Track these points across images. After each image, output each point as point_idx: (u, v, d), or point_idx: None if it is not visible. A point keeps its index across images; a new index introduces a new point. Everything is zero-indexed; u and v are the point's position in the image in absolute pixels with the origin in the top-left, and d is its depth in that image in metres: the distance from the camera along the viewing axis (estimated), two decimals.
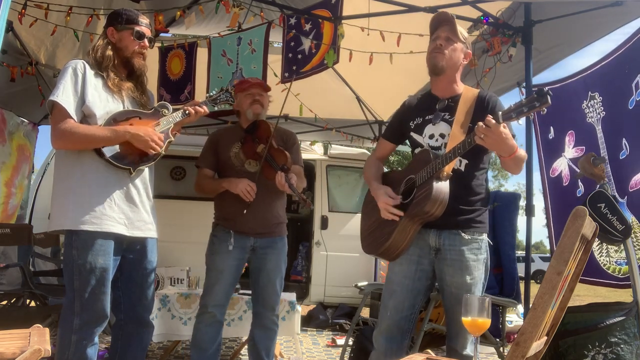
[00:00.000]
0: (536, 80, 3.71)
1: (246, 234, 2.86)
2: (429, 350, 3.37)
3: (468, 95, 2.27)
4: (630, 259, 2.77)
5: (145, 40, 2.35)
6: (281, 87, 3.18)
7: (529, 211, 3.42)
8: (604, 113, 3.26)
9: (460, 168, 2.21)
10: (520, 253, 10.36)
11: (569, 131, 3.57)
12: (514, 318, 5.22)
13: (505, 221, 3.56)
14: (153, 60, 3.92)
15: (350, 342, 3.76)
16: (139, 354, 2.38)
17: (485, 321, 1.64)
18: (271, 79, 3.57)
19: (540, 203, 3.76)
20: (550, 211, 3.73)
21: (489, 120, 1.93)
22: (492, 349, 3.85)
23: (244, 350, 4.09)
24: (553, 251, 3.65)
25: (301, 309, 4.48)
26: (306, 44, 3.48)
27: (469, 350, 2.17)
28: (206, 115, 2.53)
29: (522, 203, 3.63)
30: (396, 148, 2.60)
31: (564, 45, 3.64)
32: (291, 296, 4.05)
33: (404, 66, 3.89)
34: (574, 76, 3.56)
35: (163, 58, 4.28)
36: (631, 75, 3.04)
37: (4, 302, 4.05)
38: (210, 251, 2.91)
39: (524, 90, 3.74)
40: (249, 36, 3.80)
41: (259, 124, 2.86)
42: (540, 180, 3.84)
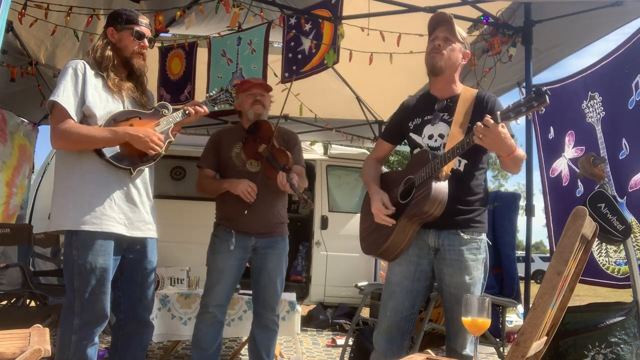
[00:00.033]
0: (536, 80, 3.71)
1: (247, 234, 2.86)
2: (429, 350, 3.37)
3: (467, 95, 2.27)
4: (630, 259, 2.77)
5: (145, 41, 2.35)
6: (281, 87, 3.18)
7: (529, 211, 3.42)
8: (604, 113, 3.26)
9: (459, 168, 2.21)
10: (520, 253, 10.36)
11: (569, 131, 3.57)
12: (514, 318, 5.22)
13: (505, 221, 3.56)
14: (153, 60, 3.92)
15: (350, 342, 3.76)
16: (139, 354, 2.38)
17: (485, 321, 1.64)
18: (271, 79, 3.57)
19: (540, 203, 3.76)
20: (550, 211, 3.73)
21: (488, 120, 1.93)
22: (492, 349, 3.85)
23: (244, 350, 4.09)
24: (553, 251, 3.65)
25: (301, 309, 4.48)
26: (306, 44, 3.48)
27: (468, 350, 2.17)
28: (206, 115, 2.53)
29: (522, 203, 3.63)
30: (395, 148, 2.59)
31: (564, 45, 3.64)
32: (291, 296, 4.05)
33: (404, 66, 3.89)
34: (574, 76, 3.56)
35: (163, 58, 4.28)
36: (631, 75, 3.04)
37: (4, 302, 4.05)
38: (212, 251, 2.91)
39: (524, 90, 3.74)
40: (249, 36, 3.80)
41: (260, 124, 2.86)
42: (540, 180, 3.84)
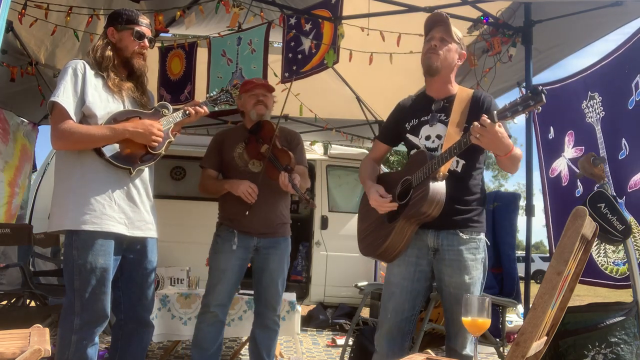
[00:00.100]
0: (536, 80, 3.71)
1: (250, 234, 2.86)
2: (429, 350, 3.37)
3: (463, 95, 2.27)
4: (630, 259, 2.77)
5: (146, 41, 2.35)
6: (281, 87, 3.18)
7: (529, 211, 3.42)
8: (604, 113, 3.26)
9: (456, 169, 2.22)
10: (520, 253, 10.37)
11: (569, 131, 3.57)
12: (514, 318, 5.22)
13: (505, 221, 3.56)
14: (153, 60, 3.92)
15: (350, 342, 3.76)
16: (139, 354, 2.38)
17: (485, 321, 1.65)
18: (271, 79, 3.56)
19: (540, 203, 3.75)
20: (550, 211, 3.73)
21: (484, 120, 1.93)
22: (492, 349, 3.85)
23: (244, 350, 4.09)
24: (552, 251, 3.65)
25: (301, 309, 4.48)
26: (306, 44, 3.48)
27: (468, 350, 2.17)
28: (206, 115, 2.53)
29: (522, 203, 3.63)
30: (393, 149, 2.59)
31: (564, 45, 3.64)
32: (291, 296, 4.05)
33: (404, 66, 3.89)
34: (574, 76, 3.56)
35: (163, 58, 4.27)
36: (631, 76, 3.04)
37: (4, 302, 4.05)
38: (214, 250, 2.92)
39: (524, 90, 3.74)
40: (249, 36, 3.80)
41: (262, 124, 2.87)
42: (540, 180, 3.84)
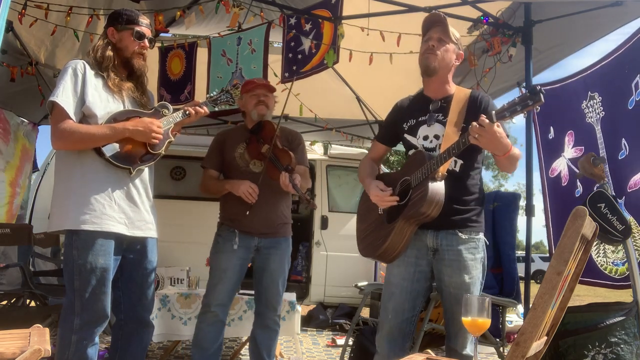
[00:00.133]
0: (536, 80, 3.71)
1: (251, 234, 2.86)
2: (429, 350, 3.37)
3: (460, 95, 2.27)
4: (630, 259, 2.77)
5: (146, 41, 2.34)
6: (281, 87, 3.18)
7: (529, 211, 3.42)
8: (604, 113, 3.26)
9: (455, 169, 2.22)
10: (520, 253, 10.36)
11: (569, 131, 3.57)
12: (514, 318, 5.23)
13: (505, 221, 3.56)
14: (153, 60, 3.92)
15: (350, 342, 3.76)
16: (139, 354, 2.38)
17: (485, 321, 1.65)
18: (271, 79, 3.56)
19: (540, 203, 3.75)
20: (549, 211, 3.73)
21: (483, 120, 1.93)
22: (492, 349, 3.85)
23: (244, 350, 4.09)
24: (551, 251, 3.65)
25: (301, 309, 4.48)
26: (306, 44, 3.48)
27: (468, 350, 2.17)
28: (206, 115, 2.53)
29: (522, 203, 3.63)
30: (391, 149, 2.60)
31: (564, 45, 3.64)
32: (291, 296, 4.05)
33: (404, 66, 3.89)
34: (574, 76, 3.56)
35: (163, 58, 4.28)
36: (631, 76, 3.04)
37: (4, 302, 4.05)
38: (215, 250, 2.92)
39: (524, 90, 3.74)
40: (249, 36, 3.80)
41: (263, 124, 2.87)
42: (540, 180, 3.84)
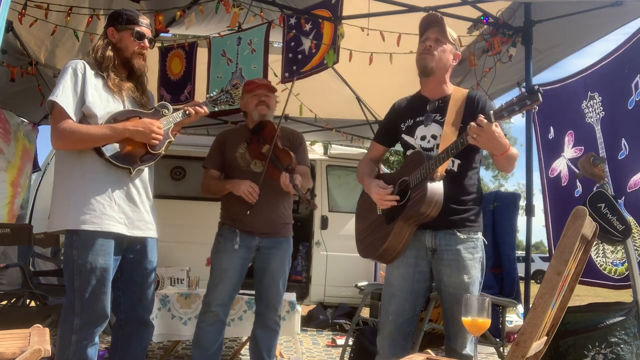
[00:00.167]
0: (536, 80, 3.71)
1: (252, 234, 2.86)
2: (429, 350, 3.37)
3: (457, 95, 2.28)
4: (630, 259, 2.77)
5: (146, 41, 2.35)
6: (281, 87, 3.18)
7: (529, 211, 3.42)
8: (604, 113, 3.26)
9: (453, 168, 2.22)
10: (520, 253, 10.36)
11: (569, 131, 3.57)
12: (514, 318, 5.22)
13: (505, 221, 3.56)
14: (153, 60, 3.92)
15: (350, 342, 3.76)
16: (139, 354, 2.38)
17: (485, 321, 1.65)
18: (271, 79, 3.56)
19: (540, 203, 3.76)
20: (549, 211, 3.73)
21: (481, 120, 1.94)
22: (492, 349, 3.85)
23: (243, 350, 4.09)
24: (551, 251, 3.65)
25: (301, 309, 4.48)
26: (306, 44, 3.48)
27: (468, 350, 2.17)
28: (206, 115, 2.53)
29: (522, 203, 3.63)
30: (390, 150, 2.60)
31: (564, 45, 3.64)
32: (291, 296, 4.05)
33: (404, 66, 3.88)
34: (574, 76, 3.56)
35: (163, 58, 4.28)
36: (631, 76, 3.04)
37: (4, 302, 4.05)
38: (216, 250, 2.92)
39: (524, 90, 3.74)
40: (249, 36, 3.80)
41: (264, 124, 2.87)
42: (540, 180, 3.84)
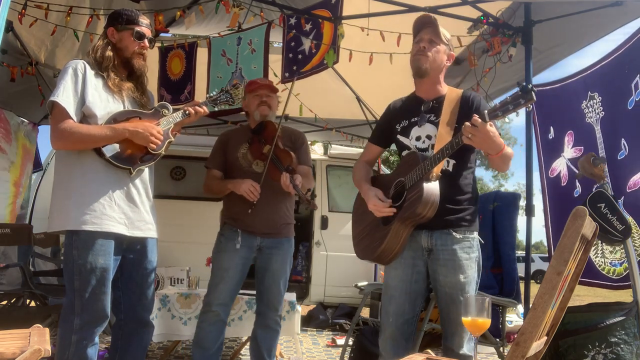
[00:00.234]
0: (536, 80, 3.72)
1: (253, 234, 2.86)
2: (429, 350, 3.37)
3: (452, 95, 2.29)
4: (630, 259, 2.77)
5: (146, 41, 2.35)
6: (281, 87, 3.18)
7: (529, 211, 3.42)
8: (603, 113, 3.26)
9: (448, 168, 2.23)
10: (520, 253, 10.37)
11: (568, 131, 3.57)
12: (514, 318, 5.22)
13: (505, 221, 3.56)
14: (153, 60, 3.92)
15: (350, 342, 3.76)
16: (139, 354, 2.38)
17: (485, 321, 1.65)
18: (271, 79, 3.56)
19: (540, 203, 3.75)
20: (549, 211, 3.73)
21: (476, 120, 1.94)
22: (492, 349, 3.85)
23: (243, 350, 4.09)
24: (551, 251, 3.65)
25: (301, 309, 4.48)
26: (306, 44, 3.48)
27: (465, 350, 2.17)
28: (206, 115, 2.53)
29: (522, 203, 3.63)
30: (388, 150, 2.60)
31: (564, 45, 3.64)
32: (291, 296, 4.05)
33: (404, 66, 3.84)
34: (574, 76, 3.56)
35: (163, 58, 4.28)
36: (631, 76, 3.04)
37: (4, 302, 4.05)
38: (217, 249, 2.92)
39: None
40: (249, 36, 3.80)
41: (266, 124, 2.88)
42: (540, 180, 3.84)
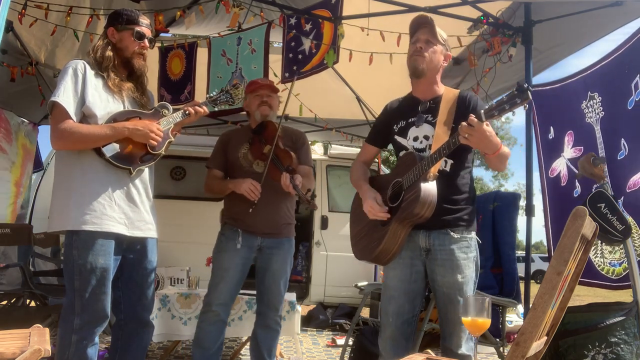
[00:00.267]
0: (536, 80, 3.71)
1: (254, 234, 2.86)
2: (429, 350, 3.37)
3: (449, 95, 2.29)
4: (630, 259, 2.77)
5: (146, 41, 2.35)
6: (281, 87, 3.18)
7: (529, 211, 3.42)
8: (603, 113, 3.26)
9: (445, 168, 2.23)
10: (520, 253, 10.37)
11: (568, 131, 3.57)
12: (514, 318, 5.22)
13: (505, 221, 3.56)
14: (153, 60, 3.92)
15: (350, 342, 3.76)
16: (139, 354, 2.38)
17: (485, 321, 1.65)
18: (271, 79, 3.56)
19: (540, 203, 3.75)
20: (549, 211, 3.73)
21: (473, 120, 1.95)
22: (492, 349, 3.85)
23: (243, 350, 4.09)
24: (551, 251, 3.64)
25: (301, 309, 4.48)
26: (306, 44, 3.48)
27: (464, 349, 2.17)
28: (206, 115, 2.53)
29: (522, 203, 3.63)
30: (387, 151, 2.60)
31: (564, 45, 3.64)
32: (291, 296, 4.05)
33: (404, 66, 3.85)
34: (574, 76, 3.55)
35: (163, 58, 4.28)
36: (631, 76, 3.04)
37: (4, 302, 4.05)
38: (218, 249, 2.92)
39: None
40: (249, 36, 3.80)
41: (266, 124, 2.88)
42: (540, 180, 3.84)
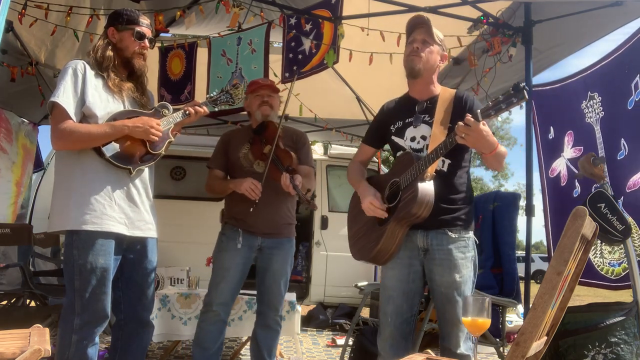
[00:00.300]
0: (536, 80, 3.71)
1: (254, 234, 2.86)
2: (429, 350, 3.37)
3: (445, 95, 2.29)
4: (630, 259, 2.77)
5: (146, 41, 2.35)
6: (281, 87, 3.18)
7: (529, 211, 3.42)
8: (603, 113, 3.26)
9: (442, 168, 2.24)
10: (520, 253, 10.36)
11: (568, 131, 3.57)
12: (514, 318, 5.22)
13: (505, 221, 3.56)
14: (153, 60, 3.92)
15: (350, 342, 3.76)
16: (139, 354, 2.38)
17: (485, 321, 1.65)
18: (271, 79, 3.57)
19: (540, 203, 3.75)
20: (549, 211, 3.73)
21: (469, 119, 1.95)
22: (492, 349, 3.85)
23: (244, 350, 4.10)
24: (551, 251, 3.64)
25: (301, 309, 4.48)
26: (306, 44, 3.48)
27: (463, 349, 2.17)
28: (206, 115, 2.53)
29: (522, 203, 3.63)
30: (377, 152, 2.60)
31: (564, 45, 3.64)
32: (291, 296, 4.05)
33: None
34: (574, 76, 3.55)
35: (163, 58, 4.28)
36: (631, 76, 3.04)
37: (4, 302, 4.05)
38: (218, 249, 2.92)
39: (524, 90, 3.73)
40: (249, 36, 3.80)
41: (267, 125, 2.88)
42: (540, 180, 3.84)
